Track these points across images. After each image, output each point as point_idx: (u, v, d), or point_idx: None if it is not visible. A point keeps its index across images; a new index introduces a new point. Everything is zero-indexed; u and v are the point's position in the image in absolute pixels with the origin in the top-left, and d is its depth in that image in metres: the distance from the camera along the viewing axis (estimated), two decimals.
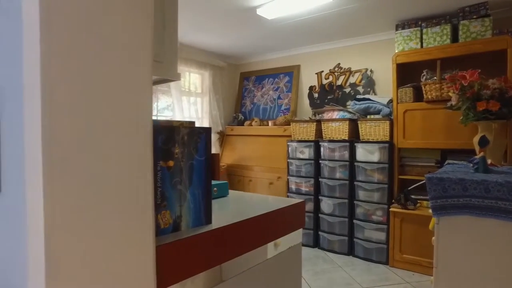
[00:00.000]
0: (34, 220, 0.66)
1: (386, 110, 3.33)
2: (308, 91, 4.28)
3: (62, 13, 0.61)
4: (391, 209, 3.09)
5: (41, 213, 0.62)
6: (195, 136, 1.01)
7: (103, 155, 0.68)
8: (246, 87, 4.80)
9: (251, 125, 4.33)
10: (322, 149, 3.59)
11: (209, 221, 1.05)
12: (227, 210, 1.28)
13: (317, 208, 3.64)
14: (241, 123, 4.52)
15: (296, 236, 1.42)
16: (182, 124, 1.04)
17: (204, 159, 1.03)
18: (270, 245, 1.28)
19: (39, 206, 0.63)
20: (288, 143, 3.80)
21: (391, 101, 3.34)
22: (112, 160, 0.70)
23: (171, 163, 0.95)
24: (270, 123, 4.19)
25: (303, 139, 3.71)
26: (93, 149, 0.66)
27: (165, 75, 1.19)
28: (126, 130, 0.72)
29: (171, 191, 0.95)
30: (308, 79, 4.31)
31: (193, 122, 1.10)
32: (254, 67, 4.78)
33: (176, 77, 1.30)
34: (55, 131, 0.61)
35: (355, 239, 3.39)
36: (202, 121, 4.37)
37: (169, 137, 0.94)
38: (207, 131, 1.04)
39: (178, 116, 3.88)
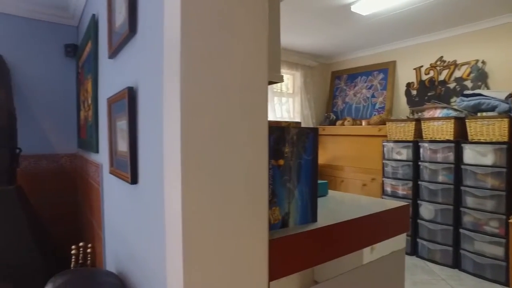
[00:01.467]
0: (172, 208, 0.77)
1: (503, 107, 2.92)
2: (405, 88, 4.00)
3: (198, 22, 0.71)
4: (510, 221, 2.70)
5: (179, 203, 0.71)
6: (304, 136, 1.04)
7: (229, 152, 0.76)
8: (337, 86, 4.71)
9: (343, 125, 4.23)
10: (421, 150, 3.33)
11: (314, 219, 1.08)
12: (329, 210, 1.29)
13: (415, 213, 3.38)
14: (332, 123, 4.45)
15: (398, 241, 1.36)
16: (290, 124, 1.09)
17: (311, 158, 1.06)
18: (366, 249, 1.25)
19: (177, 196, 0.73)
20: (384, 144, 3.61)
21: (511, 95, 2.92)
22: (236, 156, 0.77)
23: (281, 161, 1.00)
24: (363, 122, 4.04)
25: (400, 139, 3.49)
26: (221, 146, 0.75)
27: (270, 78, 1.25)
28: (248, 129, 0.79)
29: (280, 189, 1.01)
30: (405, 76, 4.02)
31: (299, 123, 1.14)
32: (345, 66, 4.65)
33: (279, 79, 1.36)
34: (191, 130, 0.71)
35: (462, 251, 3.06)
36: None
37: (280, 136, 0.99)
38: (314, 131, 1.07)
39: (270, 116, 4.01)
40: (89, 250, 2.00)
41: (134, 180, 1.08)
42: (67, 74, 2.77)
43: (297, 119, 4.38)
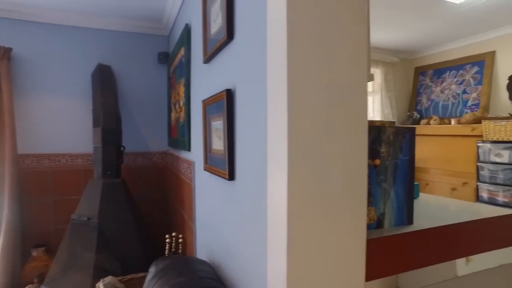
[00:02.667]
0: (275, 204, 0.81)
1: None
2: (507, 81, 3.55)
3: (302, 25, 0.74)
4: None
5: (284, 200, 0.75)
6: (400, 135, 1.01)
7: (331, 151, 0.78)
8: (422, 82, 4.39)
9: (429, 124, 3.93)
10: None
11: (410, 221, 1.04)
12: (424, 212, 1.22)
13: None
14: (416, 122, 4.16)
15: (509, 254, 1.23)
16: (384, 123, 1.07)
17: (408, 158, 1.02)
18: (460, 260, 1.15)
19: (281, 194, 0.77)
20: (479, 144, 3.26)
21: None
22: (338, 155, 0.79)
23: (377, 161, 0.98)
24: (452, 121, 3.70)
25: (500, 140, 3.12)
26: (324, 145, 0.77)
27: None
28: (349, 129, 0.80)
29: (376, 189, 0.99)
30: (507, 67, 3.58)
31: (394, 122, 1.10)
32: (431, 60, 4.31)
33: (370, 78, 1.33)
34: (297, 130, 0.74)
35: None
36: None
37: (376, 136, 0.97)
38: (411, 131, 1.03)
39: None
40: (180, 240, 2.18)
41: (231, 176, 1.15)
42: (159, 79, 3.05)
43: (377, 118, 4.19)
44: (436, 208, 1.29)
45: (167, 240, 2.21)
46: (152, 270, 1.56)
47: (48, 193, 2.81)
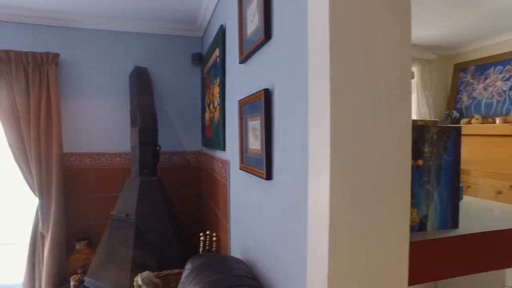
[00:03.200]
0: (317, 204, 0.81)
1: None
2: None
3: (345, 25, 0.73)
4: None
5: (326, 199, 0.75)
6: (445, 135, 0.97)
7: (374, 150, 0.76)
8: (462, 80, 4.19)
9: (470, 123, 3.74)
10: None
11: (455, 225, 1.00)
12: (469, 216, 1.17)
13: None
14: (455, 121, 3.98)
15: None
16: (426, 122, 1.03)
17: (452, 159, 0.98)
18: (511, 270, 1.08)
19: (324, 193, 0.76)
20: None
21: None
22: (381, 155, 0.77)
23: (420, 161, 0.95)
24: (497, 120, 3.50)
25: None
26: (367, 145, 0.75)
27: None
28: (392, 128, 0.78)
29: (418, 190, 0.96)
30: None
31: (437, 121, 1.06)
32: (473, 56, 4.10)
33: (411, 76, 1.29)
34: (340, 129, 0.73)
35: None
36: None
37: (419, 136, 0.94)
38: (457, 130, 0.98)
39: None
40: (214, 238, 2.22)
41: (269, 176, 1.16)
42: (193, 80, 3.12)
43: (413, 118, 4.04)
44: (481, 211, 1.23)
45: (201, 238, 2.26)
46: (188, 267, 1.59)
47: (89, 189, 2.95)
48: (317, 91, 0.79)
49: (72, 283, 2.55)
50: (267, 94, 1.16)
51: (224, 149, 2.02)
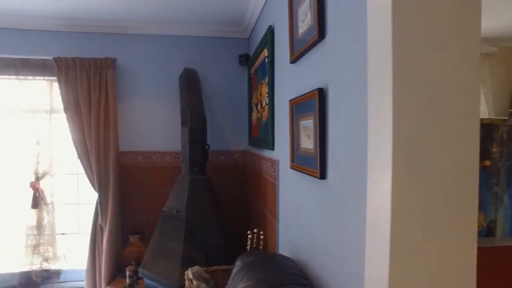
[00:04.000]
0: (376, 205, 0.79)
1: None
2: None
3: (408, 22, 0.71)
4: None
5: (388, 200, 0.73)
6: None
7: (440, 150, 0.74)
8: None
9: None
10: None
11: None
12: None
13: None
14: None
15: None
16: (493, 121, 0.97)
17: None
18: None
19: (385, 194, 0.75)
20: None
21: None
22: (447, 155, 0.74)
23: (487, 162, 0.90)
24: None
25: None
26: (431, 144, 0.73)
27: None
28: (459, 126, 0.74)
29: (485, 192, 0.91)
30: None
31: (506, 119, 1.00)
32: None
33: None
34: (403, 128, 0.71)
35: None
36: None
37: (486, 135, 0.89)
38: None
39: None
40: (262, 237, 2.25)
41: (322, 175, 1.16)
42: (240, 81, 3.18)
43: None
44: None
45: (249, 236, 2.29)
46: (238, 263, 1.63)
47: (141, 186, 3.12)
48: (377, 89, 0.78)
49: (127, 273, 2.71)
50: (321, 94, 1.16)
51: (273, 149, 2.04)
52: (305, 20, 1.35)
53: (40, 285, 3.04)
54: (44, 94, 3.09)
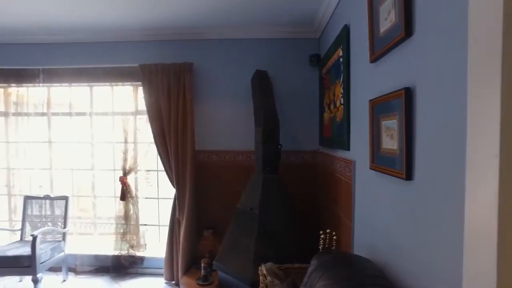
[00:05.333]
0: (478, 209, 0.75)
1: None
2: None
3: None
4: None
5: (494, 207, 0.69)
6: None
7: None
8: None
9: None
10: None
11: None
12: None
13: None
14: None
15: None
16: None
17: None
18: None
19: (489, 200, 0.70)
20: None
21: None
22: None
23: None
24: None
25: None
26: None
27: None
28: None
29: None
30: None
31: None
32: None
33: None
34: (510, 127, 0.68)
35: None
36: None
37: None
38: None
39: None
40: (334, 237, 2.23)
41: (409, 176, 1.13)
42: (310, 81, 3.18)
43: None
44: None
45: (322, 236, 2.29)
46: (314, 262, 1.65)
47: (215, 184, 3.29)
48: (481, 87, 0.74)
49: (202, 264, 2.89)
50: (408, 93, 1.13)
51: (348, 149, 2.02)
52: (388, 18, 1.32)
53: (128, 268, 3.38)
54: (130, 98, 3.43)
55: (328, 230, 2.30)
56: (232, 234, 2.64)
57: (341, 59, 2.14)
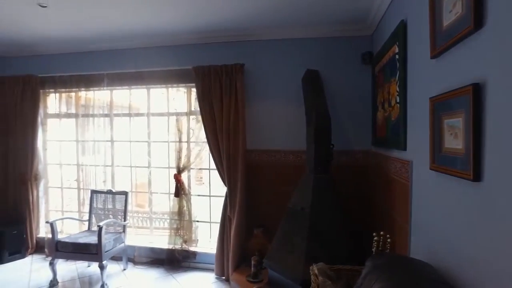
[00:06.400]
0: None
1: None
2: None
3: None
4: None
5: None
6: None
7: None
8: None
9: None
10: None
11: None
12: None
13: None
14: None
15: None
16: None
17: None
18: None
19: None
20: None
21: None
22: None
23: None
24: None
25: None
26: None
27: None
28: None
29: None
30: None
31: None
32: None
33: None
34: None
35: None
36: None
37: None
38: None
39: None
40: (388, 240, 2.16)
41: (477, 177, 1.07)
42: (362, 80, 3.10)
43: None
44: None
45: (375, 238, 2.23)
46: (369, 264, 1.61)
47: (265, 183, 3.33)
48: None
49: (252, 262, 2.94)
50: (477, 89, 1.07)
51: (404, 149, 1.94)
52: (453, 10, 1.26)
53: (181, 262, 3.54)
54: (184, 99, 3.59)
55: (382, 233, 2.23)
56: (283, 233, 2.66)
57: (396, 56, 2.07)
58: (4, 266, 3.60)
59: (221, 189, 3.43)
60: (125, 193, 3.58)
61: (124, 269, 3.51)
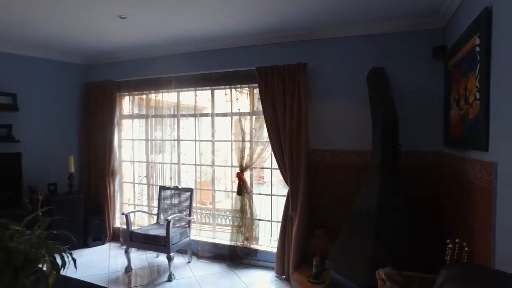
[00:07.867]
0: None
1: None
2: None
3: None
4: None
5: None
6: None
7: None
8: None
9: None
10: None
11: None
12: None
13: None
14: None
15: None
16: None
17: None
18: None
19: None
20: None
21: None
22: None
23: None
24: None
25: None
26: None
27: None
28: None
29: None
30: None
31: None
32: None
33: None
34: None
35: None
36: None
37: None
38: None
39: None
40: (466, 249, 1.99)
41: None
42: (432, 76, 2.90)
43: None
44: None
45: (449, 246, 2.07)
46: (445, 273, 1.50)
47: (327, 183, 3.27)
48: None
49: (314, 263, 2.91)
50: None
51: (486, 149, 1.77)
52: None
53: (243, 259, 3.63)
54: (247, 99, 3.67)
55: (457, 240, 2.07)
56: (347, 234, 2.60)
57: (477, 48, 1.90)
58: (89, 250, 4.10)
59: (281, 189, 3.44)
60: (190, 190, 3.77)
61: (189, 262, 3.69)
